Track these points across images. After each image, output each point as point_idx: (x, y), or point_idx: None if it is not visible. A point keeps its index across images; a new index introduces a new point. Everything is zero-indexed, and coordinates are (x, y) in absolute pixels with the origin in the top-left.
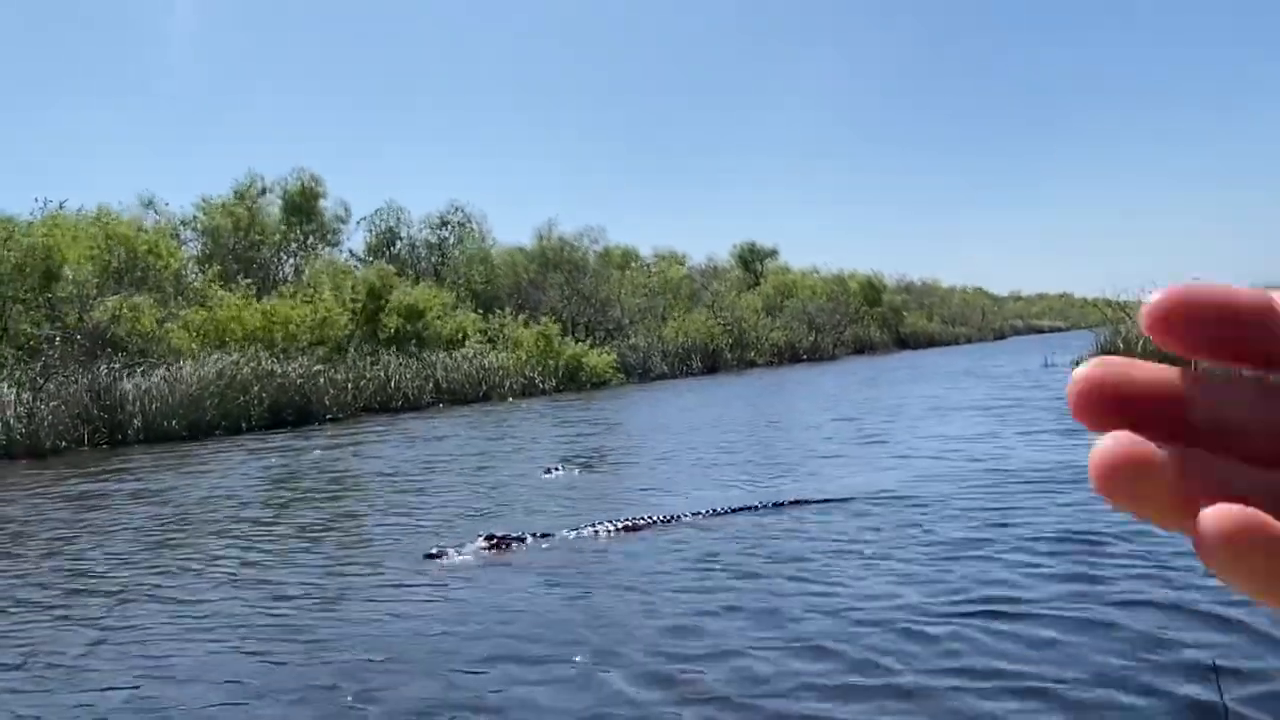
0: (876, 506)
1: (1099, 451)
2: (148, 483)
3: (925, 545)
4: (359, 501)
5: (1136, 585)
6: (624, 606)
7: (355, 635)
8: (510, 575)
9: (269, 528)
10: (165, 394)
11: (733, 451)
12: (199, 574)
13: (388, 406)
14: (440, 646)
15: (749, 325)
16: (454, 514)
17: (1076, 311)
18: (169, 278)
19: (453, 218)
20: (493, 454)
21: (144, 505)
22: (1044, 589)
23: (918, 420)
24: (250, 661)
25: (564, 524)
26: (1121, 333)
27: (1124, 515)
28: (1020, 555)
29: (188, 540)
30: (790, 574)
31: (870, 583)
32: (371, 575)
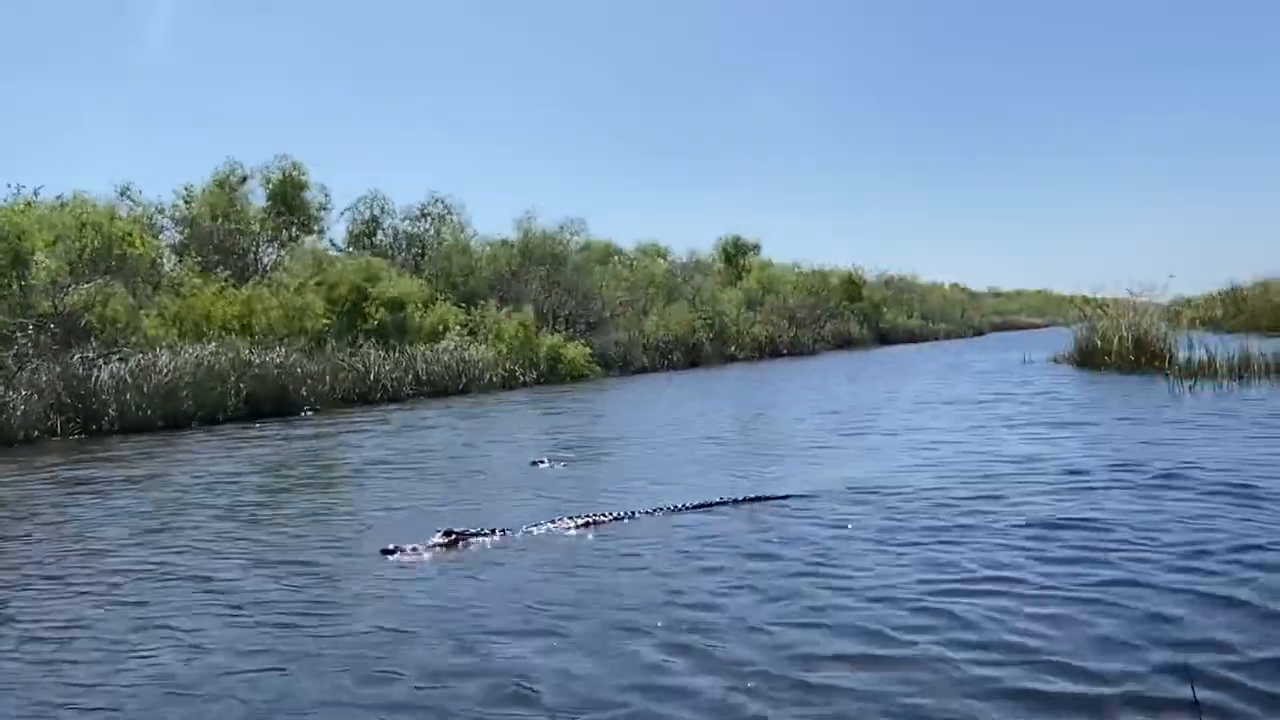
0: (857, 500)
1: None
2: (118, 473)
3: (886, 539)
4: (332, 494)
5: (1110, 582)
6: (568, 607)
7: (289, 632)
8: (459, 574)
9: (230, 522)
10: (141, 384)
11: (719, 444)
12: (137, 571)
13: (367, 398)
14: (367, 645)
15: (730, 319)
16: (435, 505)
17: (1054, 308)
18: (145, 266)
19: (433, 209)
20: (477, 446)
21: (107, 499)
22: (1017, 585)
23: (900, 414)
24: (171, 659)
25: (536, 518)
26: (1098, 329)
27: (1100, 512)
28: (993, 548)
29: (142, 537)
30: (750, 568)
31: (841, 581)
32: (323, 570)
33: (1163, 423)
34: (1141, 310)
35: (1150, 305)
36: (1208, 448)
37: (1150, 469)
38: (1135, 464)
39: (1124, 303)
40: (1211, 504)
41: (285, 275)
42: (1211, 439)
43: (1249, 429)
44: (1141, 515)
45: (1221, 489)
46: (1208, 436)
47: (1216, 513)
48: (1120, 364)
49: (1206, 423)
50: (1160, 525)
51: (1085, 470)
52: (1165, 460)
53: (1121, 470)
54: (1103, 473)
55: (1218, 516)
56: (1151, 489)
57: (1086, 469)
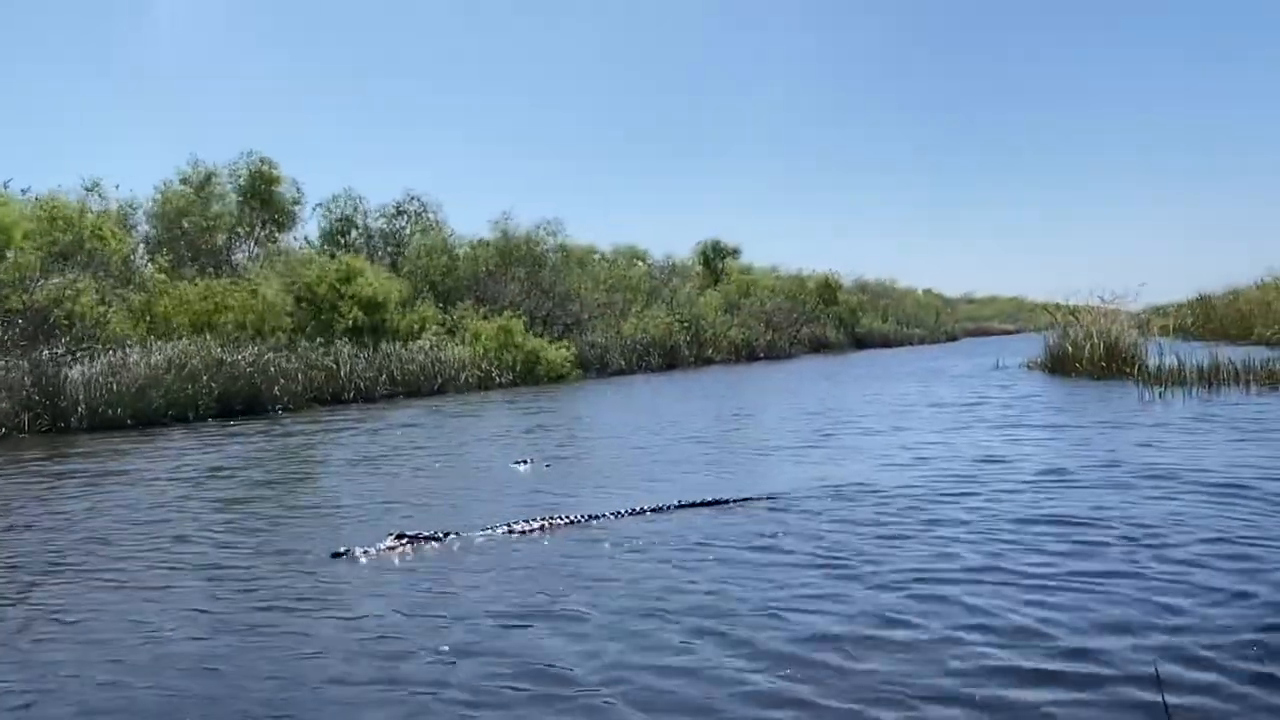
0: (822, 500)
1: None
2: (79, 471)
3: (849, 539)
4: (299, 494)
5: (1081, 586)
6: (509, 614)
7: (220, 633)
8: (403, 578)
9: (187, 522)
10: (110, 381)
11: (700, 444)
12: (78, 571)
13: (339, 398)
14: (291, 649)
15: (708, 323)
16: (410, 506)
17: (1027, 314)
18: (116, 262)
19: (409, 207)
20: (455, 446)
21: (63, 500)
22: (989, 586)
23: (877, 416)
24: (98, 662)
25: (509, 518)
26: (1070, 336)
27: (1075, 511)
28: (968, 549)
29: (94, 535)
30: (703, 574)
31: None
32: (267, 571)
33: (1132, 426)
34: (1112, 318)
35: (1121, 313)
36: (1181, 450)
37: (1123, 468)
38: (1109, 464)
39: (1095, 310)
40: (1189, 500)
41: (258, 273)
42: (1185, 442)
43: (1219, 432)
44: (1119, 511)
45: (1197, 487)
46: (1183, 440)
47: (1194, 509)
48: (1091, 370)
49: (1178, 427)
50: (1139, 520)
51: (1062, 469)
52: (1137, 460)
53: (1096, 469)
54: (1079, 472)
55: (1195, 512)
56: (1125, 487)
57: (1063, 468)
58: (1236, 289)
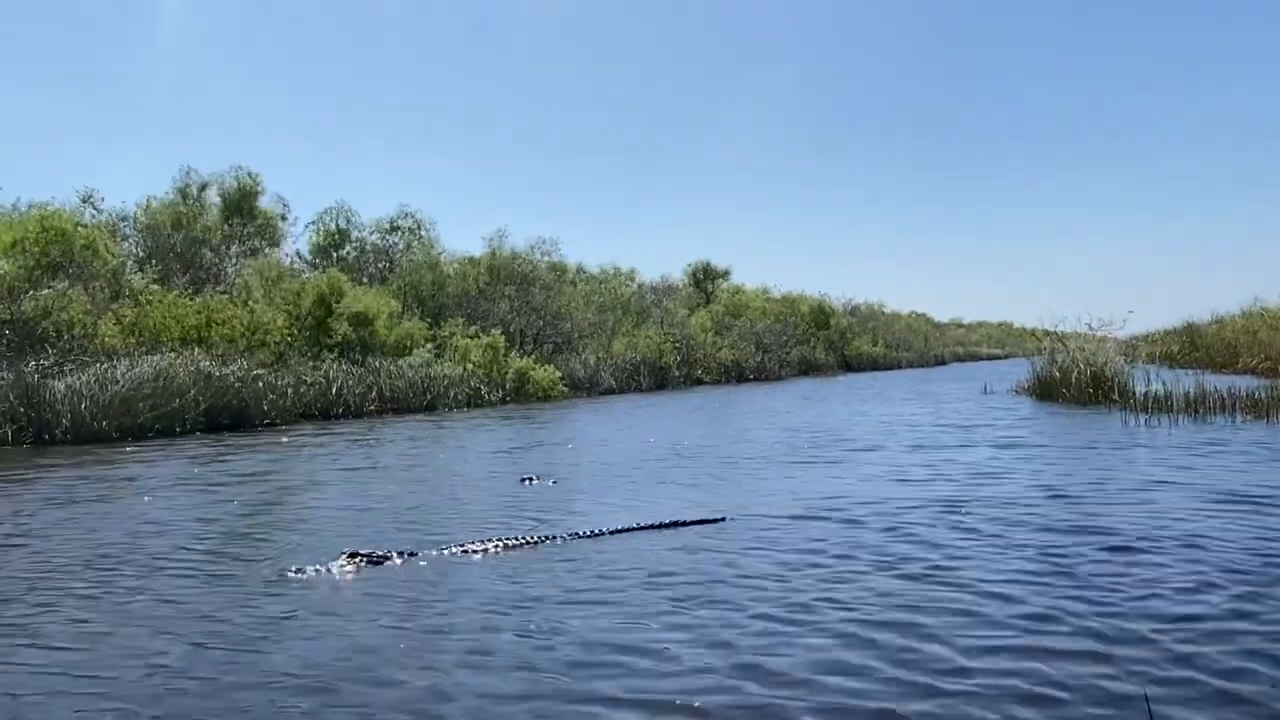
0: (797, 520)
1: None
2: (56, 486)
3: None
4: (284, 511)
5: (1072, 609)
6: (454, 639)
7: (148, 645)
8: (349, 598)
9: (153, 537)
10: (96, 393)
11: (706, 465)
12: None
13: (328, 413)
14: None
15: (698, 343)
16: (410, 522)
17: (1014, 340)
18: (106, 275)
19: (403, 223)
20: (457, 462)
21: (33, 515)
22: (983, 612)
23: (862, 438)
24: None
25: (464, 538)
26: (1057, 362)
27: (1067, 539)
28: (965, 570)
29: (58, 552)
30: (632, 593)
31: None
32: (214, 587)
33: (1113, 450)
34: (1099, 344)
35: (1108, 340)
36: (1157, 468)
37: (1111, 485)
38: (1093, 483)
39: (1083, 337)
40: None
41: (246, 287)
42: (1162, 461)
43: (1195, 456)
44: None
45: (1196, 498)
46: (1163, 459)
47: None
48: (1078, 396)
49: (1161, 452)
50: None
51: (1053, 487)
52: (1117, 478)
53: (1085, 487)
54: (1072, 490)
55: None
56: (1118, 502)
57: (1055, 487)
58: (1222, 318)
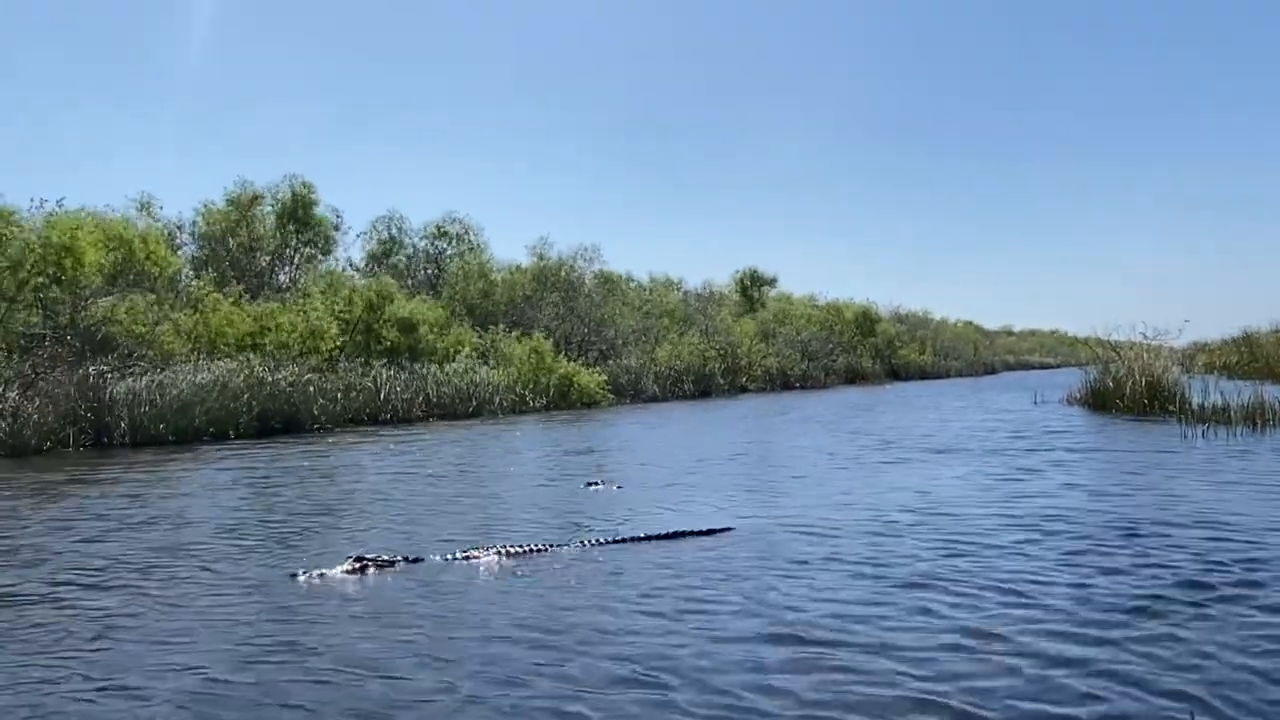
0: (812, 532)
1: None
2: (112, 490)
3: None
4: (340, 514)
5: (1120, 629)
6: (434, 651)
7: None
8: (347, 600)
9: (194, 538)
10: (155, 398)
11: (776, 472)
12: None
13: (376, 418)
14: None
15: (743, 351)
16: (478, 527)
17: (1067, 349)
18: (164, 282)
19: (450, 229)
20: (515, 466)
21: (84, 518)
22: (1026, 622)
23: (912, 455)
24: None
25: (491, 542)
26: (1111, 371)
27: (1120, 559)
28: (1013, 586)
29: (105, 552)
30: (627, 603)
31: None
32: (220, 589)
33: (1173, 465)
34: (1155, 354)
35: (1164, 349)
36: (1218, 491)
37: (1164, 507)
38: (1151, 504)
39: (1138, 346)
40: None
41: (300, 295)
42: (1225, 484)
43: (1267, 474)
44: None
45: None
46: (1220, 481)
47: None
48: (1132, 407)
49: (1220, 466)
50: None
51: (1105, 509)
52: (1170, 499)
53: (1137, 510)
54: (1120, 512)
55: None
56: (1170, 526)
57: (1106, 508)
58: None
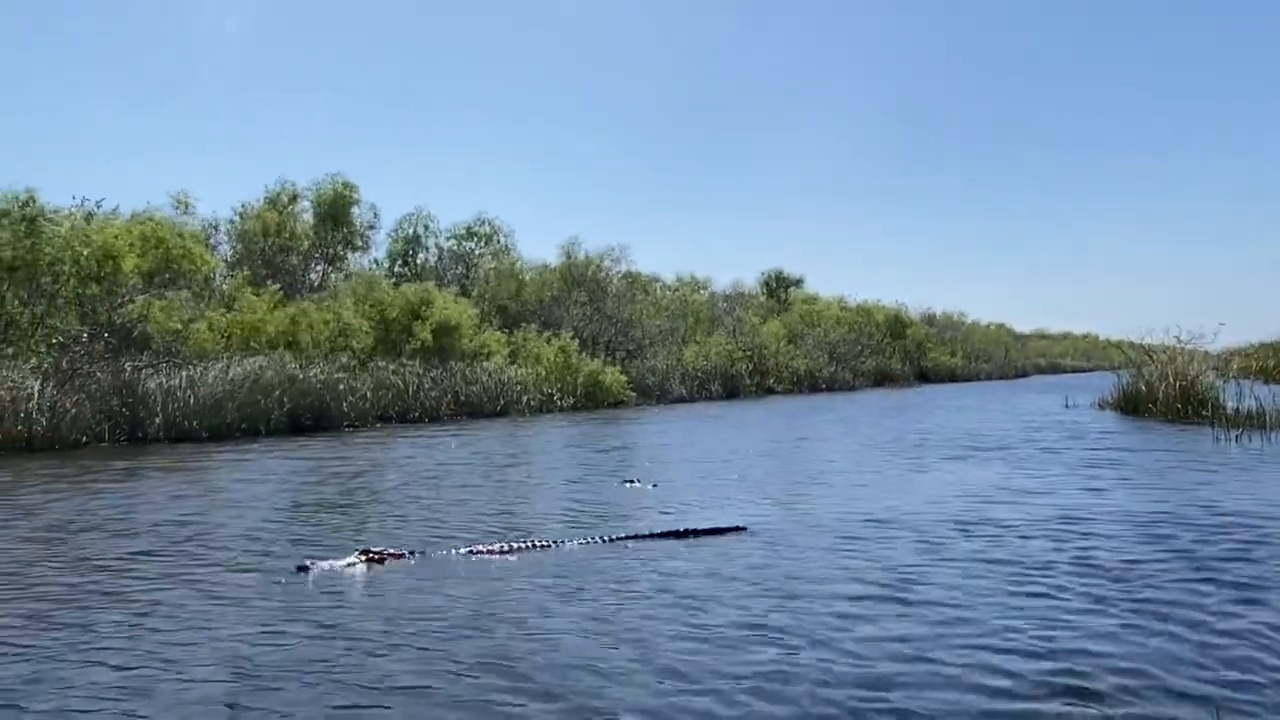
0: (808, 535)
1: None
2: (144, 484)
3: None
4: (364, 509)
5: (1142, 628)
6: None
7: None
8: (350, 592)
9: (236, 531)
10: (188, 394)
11: (807, 472)
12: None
13: (404, 416)
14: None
15: (770, 352)
16: (506, 521)
17: (1100, 352)
18: (199, 280)
19: (480, 229)
20: (550, 464)
21: (107, 513)
22: (1060, 625)
23: (944, 458)
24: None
25: (494, 538)
26: (1145, 375)
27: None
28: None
29: (117, 547)
30: (619, 601)
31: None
32: (230, 580)
33: (1207, 469)
34: (1190, 358)
35: (1199, 353)
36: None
37: (1197, 513)
38: (1183, 510)
39: (1172, 350)
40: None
41: (337, 297)
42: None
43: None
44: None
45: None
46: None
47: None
48: (1166, 412)
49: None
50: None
51: (1137, 513)
52: (1208, 504)
53: (1170, 519)
54: (1155, 518)
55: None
56: (1209, 530)
57: (1138, 511)
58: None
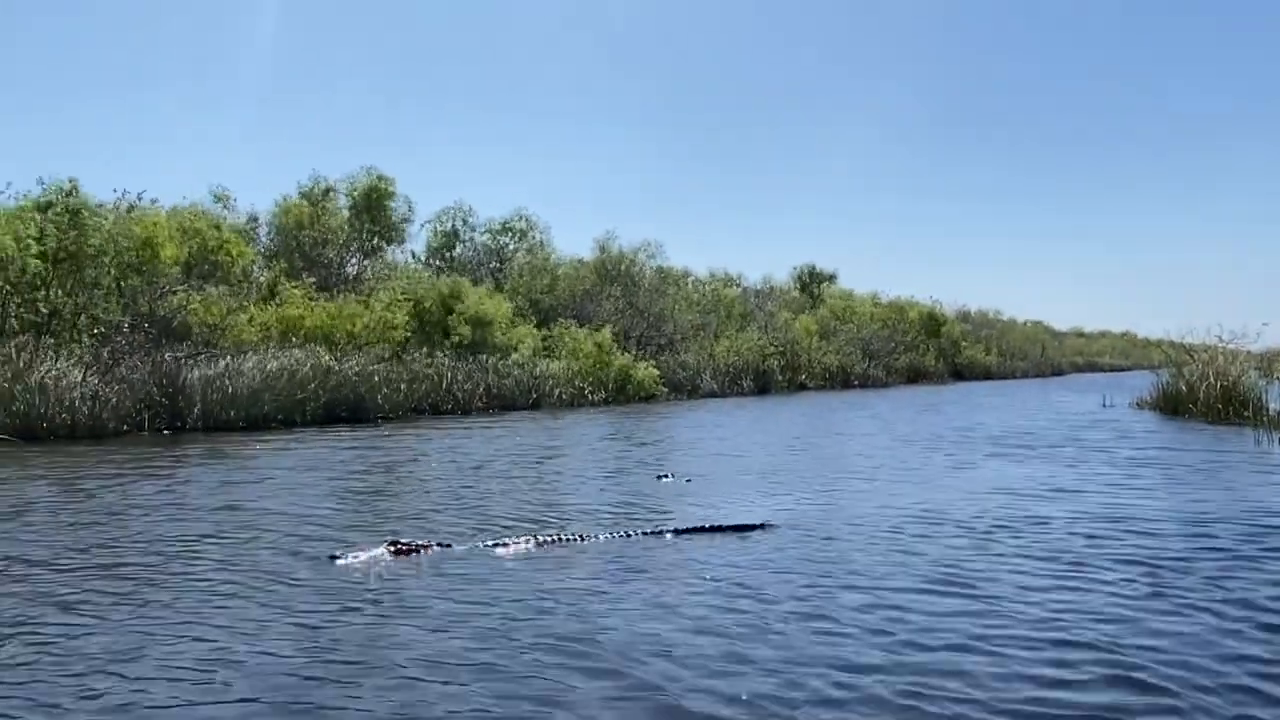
0: (840, 530)
1: None
2: (182, 472)
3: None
4: (399, 500)
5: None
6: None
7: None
8: (370, 583)
9: (269, 521)
10: (226, 385)
11: (824, 466)
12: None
13: (438, 409)
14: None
15: (802, 347)
16: (537, 515)
17: (1139, 351)
18: (237, 273)
19: (516, 224)
20: (590, 457)
21: (161, 496)
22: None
23: (965, 454)
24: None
25: (525, 531)
26: (1185, 375)
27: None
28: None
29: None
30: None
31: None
32: (263, 568)
33: (1256, 469)
34: (1231, 358)
35: (1241, 353)
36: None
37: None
38: (1223, 510)
39: (1213, 349)
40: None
41: (368, 290)
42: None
43: None
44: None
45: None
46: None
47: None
48: (1206, 413)
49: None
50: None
51: (1183, 512)
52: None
53: (1210, 519)
54: (1201, 517)
55: None
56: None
57: (1184, 510)
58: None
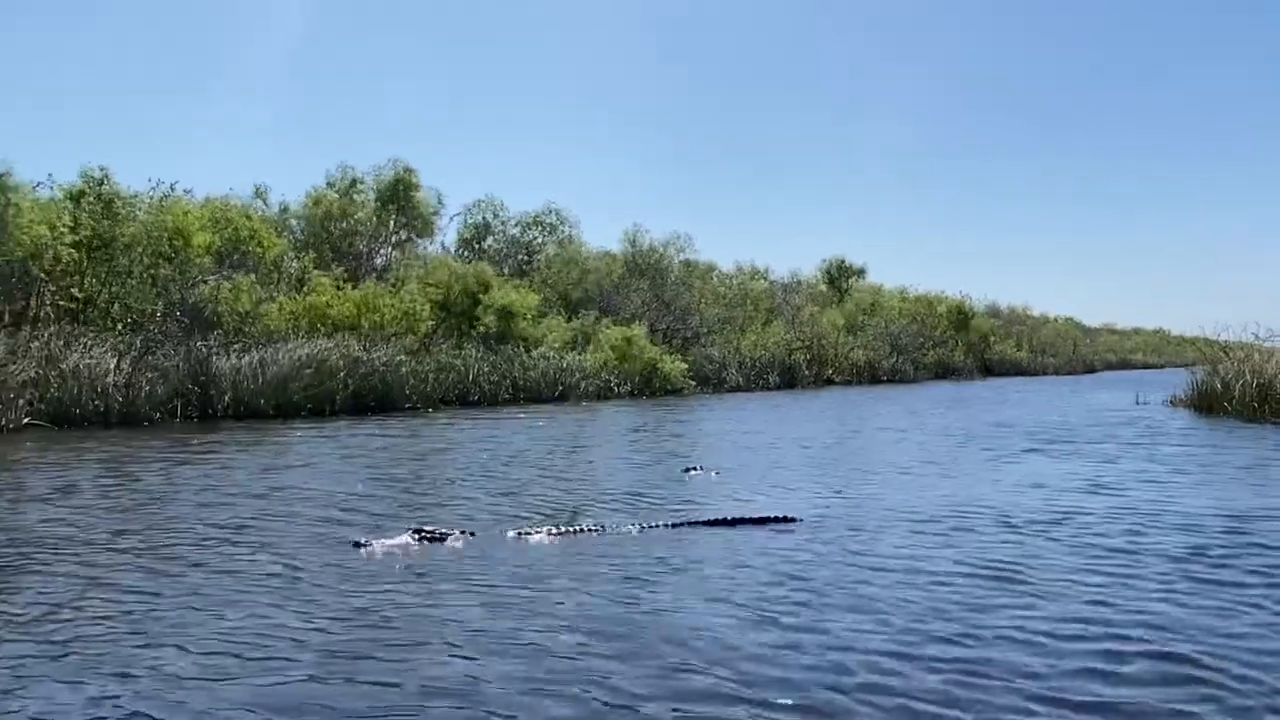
0: (859, 526)
1: None
2: (213, 459)
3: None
4: (427, 488)
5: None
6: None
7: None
8: (392, 569)
9: (298, 508)
10: (257, 374)
11: (852, 461)
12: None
13: (465, 400)
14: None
15: (829, 342)
16: (590, 504)
17: (1172, 349)
18: (267, 263)
19: (546, 218)
20: (620, 450)
21: (190, 482)
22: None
23: (993, 450)
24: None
25: (550, 521)
26: (1220, 373)
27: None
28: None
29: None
30: (632, 591)
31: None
32: (284, 555)
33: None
34: (1267, 356)
35: (1277, 351)
36: None
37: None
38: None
39: (1249, 347)
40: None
41: (399, 278)
42: None
43: None
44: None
45: None
46: None
47: None
48: (1242, 410)
49: None
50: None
51: (1223, 508)
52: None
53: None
54: (1243, 513)
55: None
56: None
57: (1224, 506)
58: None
